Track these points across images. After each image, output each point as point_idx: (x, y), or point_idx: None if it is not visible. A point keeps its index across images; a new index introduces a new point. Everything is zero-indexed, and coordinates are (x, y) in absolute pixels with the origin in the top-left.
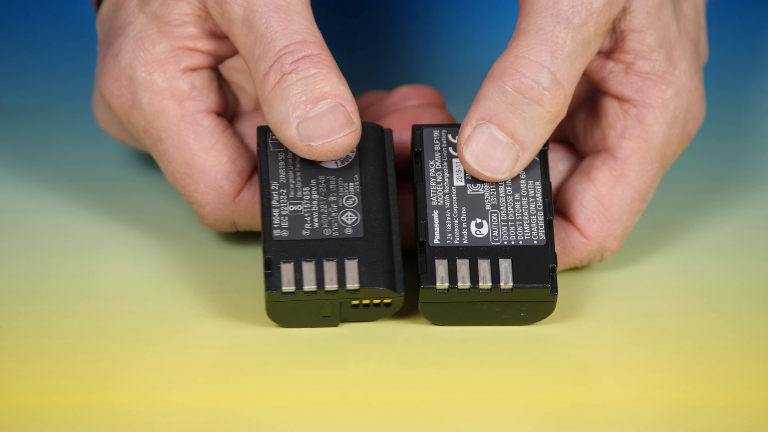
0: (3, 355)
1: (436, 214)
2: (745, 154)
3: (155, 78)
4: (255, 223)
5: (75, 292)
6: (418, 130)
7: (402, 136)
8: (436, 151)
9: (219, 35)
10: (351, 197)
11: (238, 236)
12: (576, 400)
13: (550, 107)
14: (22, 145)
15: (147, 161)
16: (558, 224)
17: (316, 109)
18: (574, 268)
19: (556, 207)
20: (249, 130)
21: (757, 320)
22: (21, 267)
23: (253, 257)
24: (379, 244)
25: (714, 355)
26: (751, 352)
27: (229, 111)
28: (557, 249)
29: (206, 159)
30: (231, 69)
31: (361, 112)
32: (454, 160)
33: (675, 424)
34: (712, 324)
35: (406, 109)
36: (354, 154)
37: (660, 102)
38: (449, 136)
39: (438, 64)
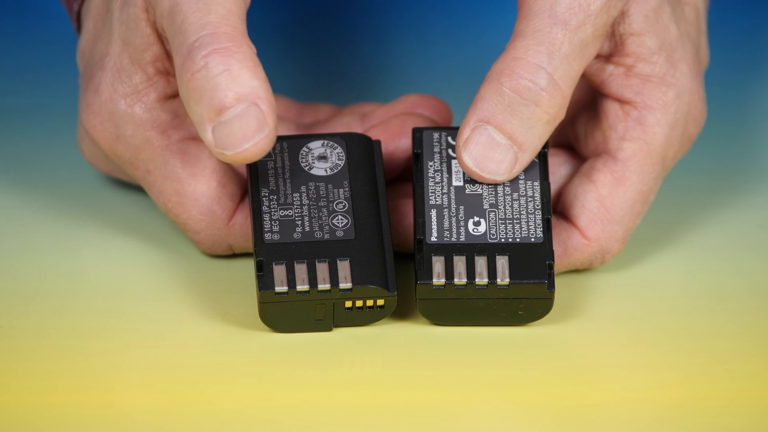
0: (1, 355)
1: (434, 212)
2: (745, 154)
3: (136, 110)
4: (251, 245)
5: (73, 292)
6: (418, 133)
7: (397, 143)
8: (435, 152)
9: None
10: (341, 202)
11: None
12: (576, 400)
13: (548, 108)
14: (21, 146)
15: None
16: (559, 226)
17: (228, 113)
18: (575, 270)
19: (557, 209)
20: None
21: (758, 320)
22: (19, 267)
23: (246, 262)
24: (370, 245)
25: (715, 355)
26: (752, 352)
27: None
28: (558, 250)
29: (196, 186)
30: None
31: (362, 117)
32: (453, 161)
33: (675, 424)
34: (713, 324)
35: (408, 115)
36: (343, 162)
37: (661, 104)
38: (449, 138)
39: (435, 67)
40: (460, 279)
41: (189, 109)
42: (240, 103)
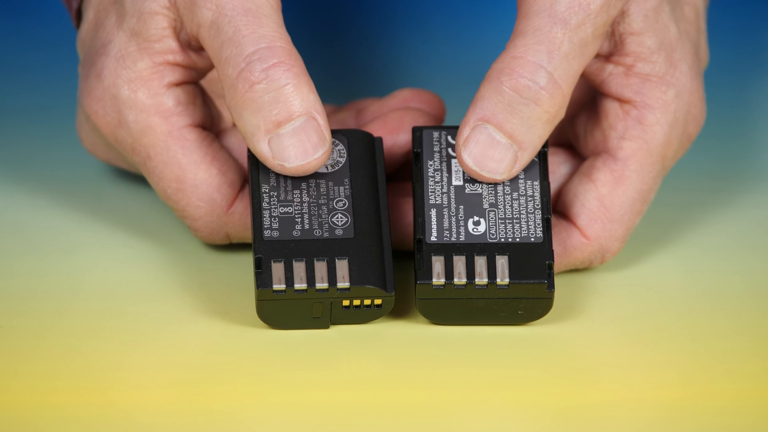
0: (1, 355)
1: (433, 212)
2: (745, 154)
3: (139, 95)
4: (249, 234)
5: (72, 291)
6: (417, 132)
7: (396, 138)
8: (435, 152)
9: (197, 47)
10: (341, 200)
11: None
12: (576, 400)
13: (548, 107)
14: (21, 146)
15: None
16: (559, 225)
17: (289, 126)
18: (575, 269)
19: (557, 209)
20: (236, 145)
21: (758, 320)
22: (19, 267)
23: (245, 260)
24: (369, 245)
25: (714, 355)
26: (752, 351)
27: (214, 126)
28: (558, 250)
29: (196, 173)
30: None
31: (358, 113)
32: (453, 161)
33: (675, 424)
34: (713, 324)
35: (406, 110)
36: (345, 159)
37: (660, 103)
38: (449, 138)
39: (435, 66)
40: (459, 279)
41: (241, 119)
42: (300, 117)
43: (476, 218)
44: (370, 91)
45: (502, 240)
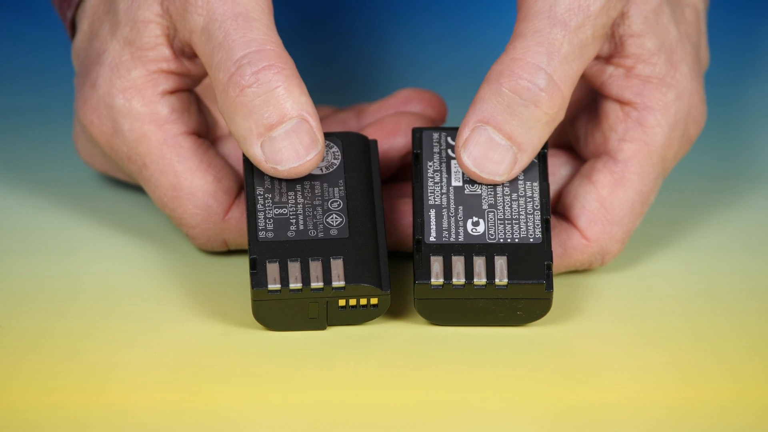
0: (0, 355)
1: (432, 212)
2: (745, 154)
3: (134, 104)
4: (246, 240)
5: (72, 292)
6: (417, 133)
7: (392, 141)
8: (435, 152)
9: (191, 54)
10: (336, 200)
11: None
12: (576, 400)
13: (547, 108)
14: (20, 146)
15: None
16: (559, 226)
17: (281, 128)
18: (575, 270)
19: (558, 210)
20: (232, 152)
21: (758, 320)
22: (19, 267)
23: (243, 262)
24: (364, 244)
25: (715, 355)
26: (752, 352)
27: (209, 134)
28: (558, 251)
29: (192, 180)
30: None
31: (358, 113)
32: (453, 162)
33: (676, 424)
34: (713, 324)
35: (402, 114)
36: (339, 161)
37: (661, 105)
38: (448, 139)
39: (434, 67)
40: (458, 279)
41: (233, 124)
42: (291, 119)
43: (475, 219)
44: (366, 91)
45: (501, 241)
